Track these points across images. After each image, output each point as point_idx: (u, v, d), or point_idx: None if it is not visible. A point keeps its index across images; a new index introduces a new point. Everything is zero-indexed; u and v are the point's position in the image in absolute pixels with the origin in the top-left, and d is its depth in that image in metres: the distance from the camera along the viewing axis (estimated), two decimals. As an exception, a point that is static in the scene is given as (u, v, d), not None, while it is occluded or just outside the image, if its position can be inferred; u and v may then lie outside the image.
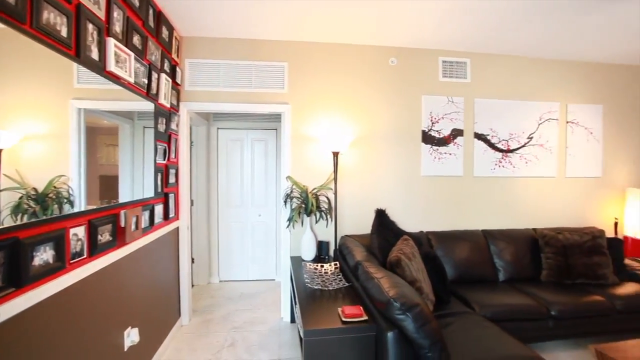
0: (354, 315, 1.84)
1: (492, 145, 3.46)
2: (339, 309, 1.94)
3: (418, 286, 2.06)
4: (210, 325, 3.10)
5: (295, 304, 2.37)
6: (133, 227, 2.00)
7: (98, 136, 1.82)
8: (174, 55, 2.81)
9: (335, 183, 3.01)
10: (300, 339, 2.13)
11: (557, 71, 3.62)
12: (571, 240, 3.07)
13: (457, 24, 2.78)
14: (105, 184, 1.87)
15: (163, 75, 2.51)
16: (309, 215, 2.97)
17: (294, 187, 3.07)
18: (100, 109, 1.83)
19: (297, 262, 2.97)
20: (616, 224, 3.78)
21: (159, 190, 2.51)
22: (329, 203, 3.11)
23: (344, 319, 1.83)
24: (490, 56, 3.45)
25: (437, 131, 3.35)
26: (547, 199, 3.64)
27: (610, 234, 3.73)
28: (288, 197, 3.05)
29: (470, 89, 3.42)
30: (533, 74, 3.56)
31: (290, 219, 2.99)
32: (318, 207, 2.98)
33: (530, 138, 3.55)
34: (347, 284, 2.37)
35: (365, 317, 1.84)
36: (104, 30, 1.72)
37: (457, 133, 3.38)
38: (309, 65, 3.17)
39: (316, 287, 2.33)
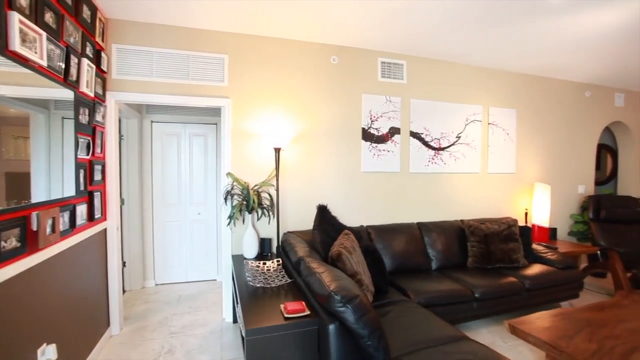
0: (297, 310, 1.85)
1: (426, 144, 3.72)
2: (282, 306, 1.94)
3: (358, 278, 2.14)
4: (145, 332, 2.89)
5: (237, 303, 2.32)
6: (48, 230, 1.78)
7: (3, 127, 1.58)
8: (98, 39, 2.54)
9: (277, 179, 2.99)
10: (243, 338, 2.09)
11: (481, 77, 4.00)
12: (492, 229, 3.43)
13: (395, 27, 2.92)
14: (12, 181, 1.63)
15: (85, 61, 2.25)
16: (250, 212, 2.91)
17: (234, 183, 2.98)
18: (5, 95, 1.58)
19: (239, 260, 2.90)
20: (526, 214, 4.31)
21: (82, 188, 2.26)
22: (271, 199, 3.08)
23: (286, 315, 1.83)
24: (424, 60, 3.69)
25: (376, 129, 3.50)
26: (473, 192, 4.02)
27: (522, 223, 4.25)
28: (229, 194, 2.96)
29: (407, 89, 3.63)
30: (461, 78, 3.89)
31: (231, 217, 2.90)
32: (260, 204, 2.94)
33: (458, 137, 3.87)
34: (289, 280, 2.38)
35: (307, 312, 1.87)
36: (4, 2, 1.48)
37: (394, 131, 3.57)
38: (251, 59, 3.09)
39: (258, 285, 2.30)
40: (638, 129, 5.27)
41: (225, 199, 2.97)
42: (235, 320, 3.08)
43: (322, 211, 2.72)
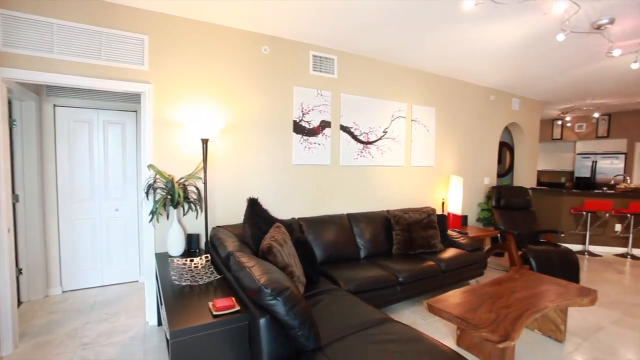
0: (226, 307, 1.80)
1: (355, 137, 3.87)
2: (210, 303, 1.86)
3: (289, 271, 2.15)
4: (49, 347, 2.54)
5: (161, 304, 2.16)
6: None
7: None
8: (-23, 4, 2.11)
9: (205, 172, 2.84)
10: (168, 341, 1.96)
11: (406, 76, 4.28)
12: (414, 218, 3.72)
13: (326, 22, 2.96)
14: None
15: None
16: (175, 207, 2.72)
17: (157, 176, 2.76)
18: None
19: (163, 258, 2.71)
20: (443, 203, 4.77)
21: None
22: (199, 193, 2.93)
23: (215, 313, 1.77)
24: (354, 56, 3.81)
25: (307, 122, 3.53)
26: (398, 184, 4.31)
27: (439, 211, 4.69)
28: (151, 187, 2.73)
29: (337, 84, 3.72)
30: (388, 76, 4.11)
31: (153, 212, 2.68)
32: (186, 198, 2.77)
33: (385, 132, 4.10)
34: (219, 277, 2.29)
35: (237, 308, 1.82)
36: None
37: (325, 125, 3.64)
38: (177, 43, 2.86)
39: (185, 284, 2.17)
40: (529, 130, 6.18)
41: (147, 193, 2.73)
42: (160, 323, 2.88)
43: (253, 204, 2.67)
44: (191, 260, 2.51)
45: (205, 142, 2.81)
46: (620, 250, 5.53)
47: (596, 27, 2.89)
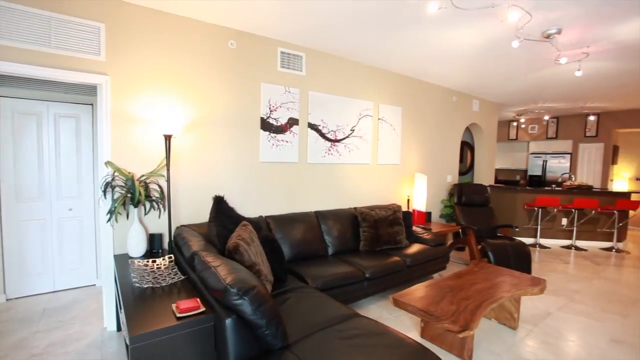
0: (190, 308, 1.74)
1: (323, 135, 3.89)
2: (173, 305, 1.80)
3: (257, 269, 2.13)
4: (-9, 358, 2.34)
5: (121, 308, 2.06)
6: None
7: None
8: None
9: (168, 169, 2.73)
10: (127, 347, 1.87)
11: (373, 76, 4.35)
12: (380, 215, 3.81)
13: (295, 18, 2.94)
14: None
15: None
16: (136, 206, 2.60)
17: (116, 174, 2.61)
18: None
19: (123, 260, 2.57)
20: (408, 200, 4.92)
21: None
22: (162, 191, 2.81)
23: (178, 315, 1.71)
24: (323, 54, 3.82)
25: (275, 119, 3.49)
26: (365, 182, 4.39)
27: (405, 208, 4.84)
28: (109, 185, 2.58)
29: (306, 81, 3.71)
30: (356, 75, 4.16)
31: (111, 212, 2.54)
32: (148, 197, 2.65)
33: (352, 130, 4.16)
34: (183, 277, 2.22)
35: (202, 309, 1.77)
36: None
37: (293, 122, 3.62)
38: (137, 34, 2.71)
39: (146, 286, 2.08)
40: (488, 130, 6.52)
41: (105, 191, 2.58)
42: (119, 328, 2.74)
43: (219, 202, 2.61)
44: (153, 261, 2.41)
45: (168, 138, 2.70)
46: (566, 242, 6.01)
47: (546, 36, 3.10)
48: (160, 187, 2.81)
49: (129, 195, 2.57)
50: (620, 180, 7.93)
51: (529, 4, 2.57)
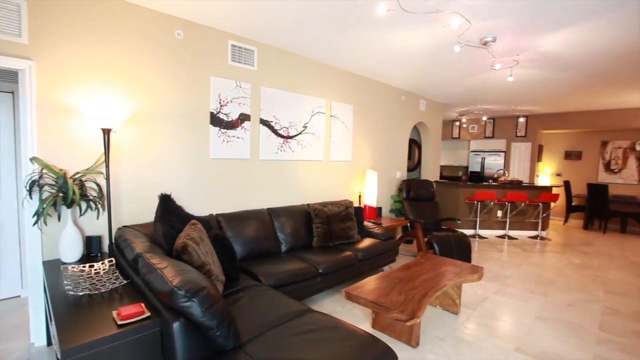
0: (134, 314, 1.63)
1: (275, 132, 3.85)
2: (114, 312, 1.67)
3: (207, 269, 2.05)
4: None
5: (51, 320, 1.87)
6: None
7: None
8: None
9: (107, 166, 2.52)
10: (59, 361, 1.70)
11: (326, 73, 4.39)
12: (333, 211, 3.87)
13: (246, 12, 2.85)
14: None
15: None
16: (70, 206, 2.36)
17: (44, 171, 2.35)
18: None
19: (54, 266, 2.33)
20: (360, 196, 5.06)
21: None
22: (100, 190, 2.59)
23: (120, 322, 1.59)
24: (275, 49, 3.77)
25: (225, 114, 3.38)
26: (317, 178, 4.43)
27: (356, 204, 4.97)
28: (35, 184, 2.31)
29: (257, 77, 3.64)
30: (309, 72, 4.17)
31: (39, 214, 2.28)
32: (84, 196, 2.42)
33: (305, 127, 4.17)
34: (125, 282, 2.07)
35: (147, 314, 1.67)
36: None
37: (244, 118, 3.54)
38: (69, 15, 2.45)
39: (82, 293, 1.91)
40: (434, 129, 6.91)
41: (30, 191, 2.31)
42: (50, 342, 2.49)
43: (165, 201, 2.46)
44: (91, 266, 2.22)
45: (107, 132, 2.49)
46: (501, 232, 6.61)
47: (483, 43, 3.36)
48: (98, 185, 2.59)
49: (60, 194, 2.33)
50: (544, 176, 8.89)
51: (469, 12, 2.76)
